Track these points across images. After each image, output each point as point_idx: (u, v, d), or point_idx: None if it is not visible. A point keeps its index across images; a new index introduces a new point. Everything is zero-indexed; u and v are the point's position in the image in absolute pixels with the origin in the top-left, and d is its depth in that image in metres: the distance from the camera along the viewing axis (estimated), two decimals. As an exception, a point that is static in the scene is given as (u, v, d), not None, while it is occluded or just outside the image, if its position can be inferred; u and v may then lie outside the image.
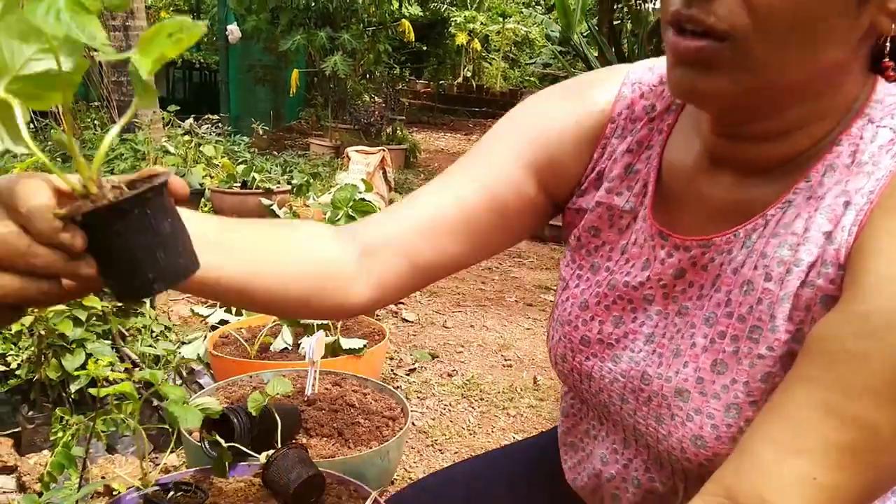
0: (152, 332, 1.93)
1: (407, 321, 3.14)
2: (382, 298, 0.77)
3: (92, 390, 1.10)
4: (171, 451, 1.59)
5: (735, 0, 0.55)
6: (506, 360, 2.82)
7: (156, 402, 1.77)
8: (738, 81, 0.58)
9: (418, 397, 2.43)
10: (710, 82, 0.58)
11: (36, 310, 1.60)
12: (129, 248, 0.45)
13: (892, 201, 0.57)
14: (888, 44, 0.60)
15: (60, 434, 0.96)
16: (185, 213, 0.58)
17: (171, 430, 1.57)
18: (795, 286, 0.61)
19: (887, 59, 0.61)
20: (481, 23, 10.53)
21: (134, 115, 0.49)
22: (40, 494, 1.15)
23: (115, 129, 0.46)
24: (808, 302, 0.60)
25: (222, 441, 1.15)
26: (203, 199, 4.12)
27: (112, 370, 1.42)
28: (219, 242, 0.64)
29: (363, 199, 2.73)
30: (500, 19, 11.06)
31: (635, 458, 0.75)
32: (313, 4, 6.91)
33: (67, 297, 0.50)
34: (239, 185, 4.09)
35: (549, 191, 0.78)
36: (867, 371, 0.53)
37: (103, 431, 0.98)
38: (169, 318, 2.50)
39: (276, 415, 1.28)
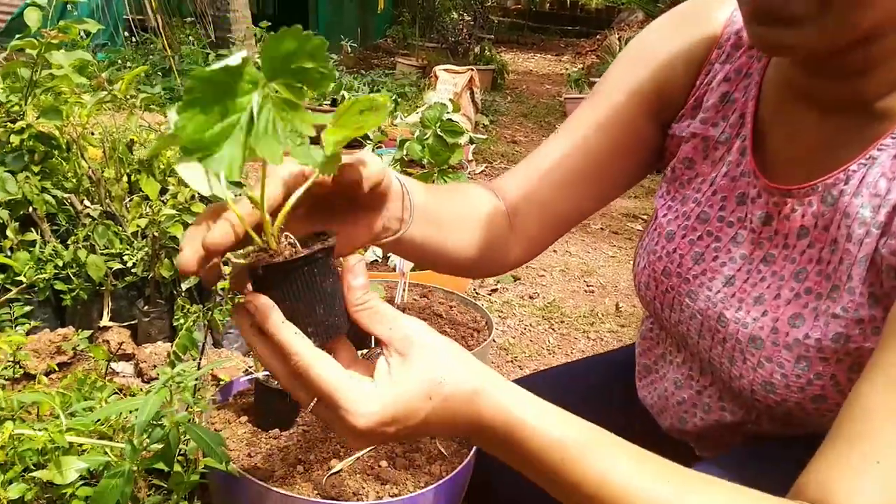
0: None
1: (490, 242, 3.18)
2: (530, 252, 0.82)
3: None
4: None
5: None
6: (588, 286, 2.83)
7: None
8: (824, 30, 0.56)
9: (500, 316, 2.49)
10: (797, 36, 0.57)
11: (152, 213, 1.72)
12: (294, 298, 0.51)
13: None
14: None
15: (182, 321, 1.05)
16: (403, 178, 0.64)
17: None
18: (871, 249, 0.60)
19: None
20: (578, -64, 9.98)
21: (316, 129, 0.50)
22: (155, 379, 1.28)
23: (299, 192, 0.51)
24: (878, 267, 0.60)
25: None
26: (295, 116, 4.21)
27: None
28: (427, 218, 0.69)
29: (451, 120, 2.72)
30: (598, -68, 10.45)
31: (710, 386, 0.77)
32: (405, -84, 6.74)
33: None
34: (329, 102, 4.15)
35: (658, 119, 0.78)
36: None
37: (220, 321, 1.07)
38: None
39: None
